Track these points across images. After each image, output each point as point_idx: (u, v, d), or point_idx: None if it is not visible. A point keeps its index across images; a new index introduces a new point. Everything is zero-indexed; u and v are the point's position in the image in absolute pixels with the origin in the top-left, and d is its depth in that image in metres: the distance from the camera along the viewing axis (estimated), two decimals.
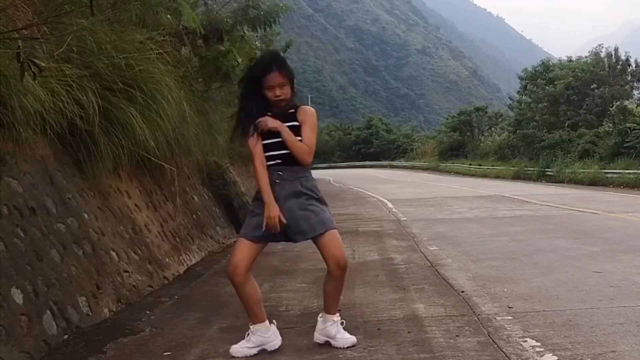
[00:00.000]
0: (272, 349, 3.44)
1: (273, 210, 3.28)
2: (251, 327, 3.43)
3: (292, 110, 3.41)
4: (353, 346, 3.44)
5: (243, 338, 3.47)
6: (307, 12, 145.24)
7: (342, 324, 3.53)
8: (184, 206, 7.81)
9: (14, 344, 3.20)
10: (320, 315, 3.59)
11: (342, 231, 9.85)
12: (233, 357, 3.39)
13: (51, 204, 4.29)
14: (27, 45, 3.64)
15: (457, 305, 4.42)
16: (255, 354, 3.40)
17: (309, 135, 3.38)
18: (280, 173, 3.35)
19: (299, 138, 3.35)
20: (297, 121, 3.38)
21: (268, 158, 3.38)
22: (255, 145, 3.38)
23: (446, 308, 4.35)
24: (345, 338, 3.48)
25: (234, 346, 3.43)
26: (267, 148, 3.38)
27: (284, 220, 3.30)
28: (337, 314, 3.53)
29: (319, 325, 3.55)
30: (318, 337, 3.54)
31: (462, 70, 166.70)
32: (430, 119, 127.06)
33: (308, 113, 3.41)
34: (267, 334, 3.44)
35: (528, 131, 32.62)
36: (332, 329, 3.49)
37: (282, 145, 3.34)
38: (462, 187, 21.59)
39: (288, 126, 3.35)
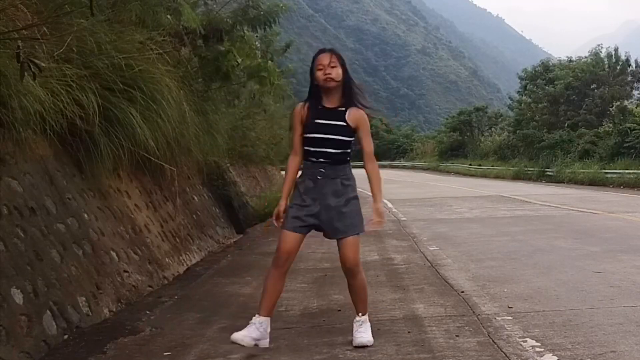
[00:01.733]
0: (264, 346, 3.42)
1: (280, 205, 3.46)
2: (257, 318, 3.40)
3: (343, 109, 3.42)
4: (363, 347, 3.43)
5: None
6: (307, 13, 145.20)
7: (360, 323, 3.53)
8: (184, 206, 7.81)
9: (14, 344, 3.20)
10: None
11: None
12: (235, 343, 3.34)
13: (51, 204, 4.29)
14: (27, 45, 3.65)
15: (457, 305, 4.43)
16: (249, 351, 3.40)
17: (369, 141, 3.51)
18: (323, 170, 3.41)
19: (347, 139, 3.40)
20: (346, 122, 3.39)
21: (314, 153, 3.42)
22: (294, 132, 3.48)
23: (446, 308, 4.35)
24: (357, 336, 3.48)
25: (238, 333, 3.37)
26: (315, 142, 3.41)
27: (280, 220, 3.44)
28: (360, 314, 3.55)
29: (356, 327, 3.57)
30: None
31: (462, 70, 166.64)
32: (430, 119, 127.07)
33: (362, 119, 3.44)
34: (268, 330, 3.45)
35: (528, 131, 32.63)
36: (355, 326, 3.53)
37: (331, 143, 3.38)
38: (462, 187, 21.59)
39: (335, 125, 3.38)
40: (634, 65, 31.66)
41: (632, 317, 3.93)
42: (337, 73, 3.37)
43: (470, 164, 37.08)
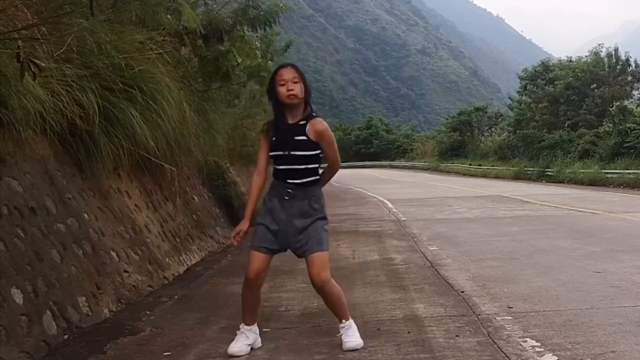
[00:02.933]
0: (258, 345, 3.52)
1: (242, 225, 3.43)
2: (245, 327, 3.48)
3: (303, 122, 3.37)
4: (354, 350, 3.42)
5: None
6: (307, 12, 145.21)
7: (346, 328, 3.48)
8: (184, 206, 7.81)
9: (14, 344, 3.20)
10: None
11: (342, 231, 9.93)
12: (235, 356, 3.38)
13: (51, 204, 4.29)
14: (27, 45, 3.65)
15: (457, 305, 4.42)
16: (248, 354, 3.41)
17: (332, 155, 3.47)
18: (290, 191, 3.36)
19: (310, 153, 3.35)
20: (306, 136, 3.34)
21: (281, 171, 3.40)
22: (261, 150, 3.46)
23: (446, 308, 4.35)
24: (346, 341, 3.45)
25: (234, 346, 3.43)
26: (279, 160, 3.38)
27: (239, 240, 3.42)
28: (343, 320, 3.49)
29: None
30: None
31: (462, 70, 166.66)
32: (430, 119, 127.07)
33: (320, 130, 3.36)
34: (257, 331, 3.54)
35: (528, 131, 32.63)
36: (341, 332, 3.48)
37: (292, 159, 3.33)
38: (462, 187, 21.59)
39: (296, 140, 3.33)
40: (634, 65, 31.64)
41: (632, 317, 3.93)
42: (299, 89, 3.32)
43: (470, 164, 37.08)
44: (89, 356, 3.47)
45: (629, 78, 31.84)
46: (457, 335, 3.64)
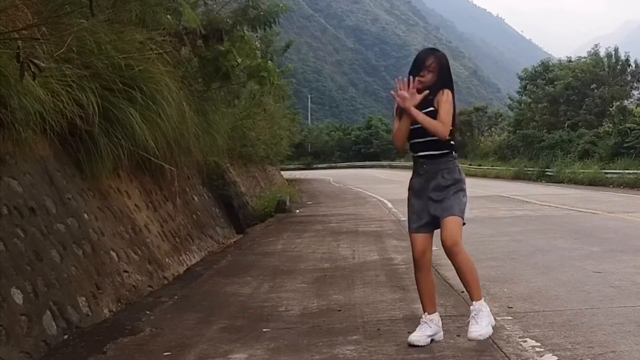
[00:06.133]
0: (439, 339, 3.47)
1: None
2: (427, 316, 3.47)
3: (431, 97, 3.42)
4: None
5: (242, 338, 3.46)
6: (307, 12, 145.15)
7: (474, 313, 3.37)
8: (184, 206, 7.81)
9: (14, 344, 3.20)
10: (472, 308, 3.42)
11: (342, 231, 9.91)
12: (414, 345, 3.37)
13: (51, 204, 4.29)
14: (27, 45, 3.65)
15: (457, 305, 4.42)
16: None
17: (442, 113, 3.39)
18: (425, 166, 3.45)
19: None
20: (434, 106, 3.39)
21: (415, 146, 3.47)
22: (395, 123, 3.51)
23: (446, 308, 4.34)
24: (470, 330, 3.32)
25: (414, 335, 3.42)
26: (413, 134, 3.44)
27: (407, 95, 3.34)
28: (473, 302, 3.38)
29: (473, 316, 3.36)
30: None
31: (462, 70, 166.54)
32: None
33: (442, 96, 3.41)
34: (439, 324, 3.50)
35: (528, 131, 32.63)
36: (470, 317, 3.38)
37: (425, 132, 3.38)
38: None
39: (425, 112, 3.37)
40: (633, 65, 31.66)
41: (632, 317, 3.92)
42: (427, 79, 3.38)
43: (470, 164, 37.04)
44: (89, 356, 3.46)
45: (629, 78, 31.86)
46: (457, 335, 3.63)
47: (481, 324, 3.32)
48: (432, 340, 3.45)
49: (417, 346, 3.38)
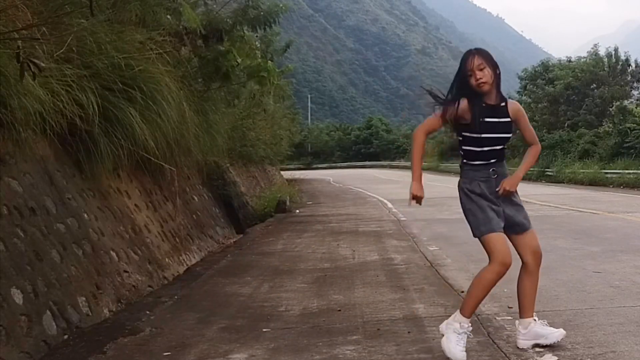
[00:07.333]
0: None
1: (417, 190, 3.47)
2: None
3: (503, 105, 3.42)
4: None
5: (242, 338, 3.46)
6: (307, 12, 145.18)
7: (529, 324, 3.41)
8: (184, 206, 7.81)
9: (14, 344, 3.20)
10: (517, 322, 3.48)
11: (342, 231, 9.91)
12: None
13: (51, 204, 4.29)
14: (27, 45, 3.65)
15: (457, 306, 4.39)
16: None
17: (531, 130, 3.59)
18: (495, 169, 3.44)
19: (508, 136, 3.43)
20: (509, 117, 3.42)
21: (485, 153, 3.41)
22: (432, 122, 3.52)
23: (446, 308, 4.34)
24: (554, 333, 3.38)
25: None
26: (485, 142, 3.40)
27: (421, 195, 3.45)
28: (527, 317, 3.41)
29: (521, 330, 3.41)
30: (524, 342, 3.39)
31: None
32: None
33: (519, 110, 3.48)
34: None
35: None
36: (540, 328, 3.39)
37: (500, 140, 3.41)
38: None
39: (502, 122, 3.39)
40: (633, 65, 31.64)
41: (632, 317, 3.93)
42: (487, 75, 3.36)
43: None
44: (89, 356, 3.46)
45: (629, 78, 31.83)
46: None
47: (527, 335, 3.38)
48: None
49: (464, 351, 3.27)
